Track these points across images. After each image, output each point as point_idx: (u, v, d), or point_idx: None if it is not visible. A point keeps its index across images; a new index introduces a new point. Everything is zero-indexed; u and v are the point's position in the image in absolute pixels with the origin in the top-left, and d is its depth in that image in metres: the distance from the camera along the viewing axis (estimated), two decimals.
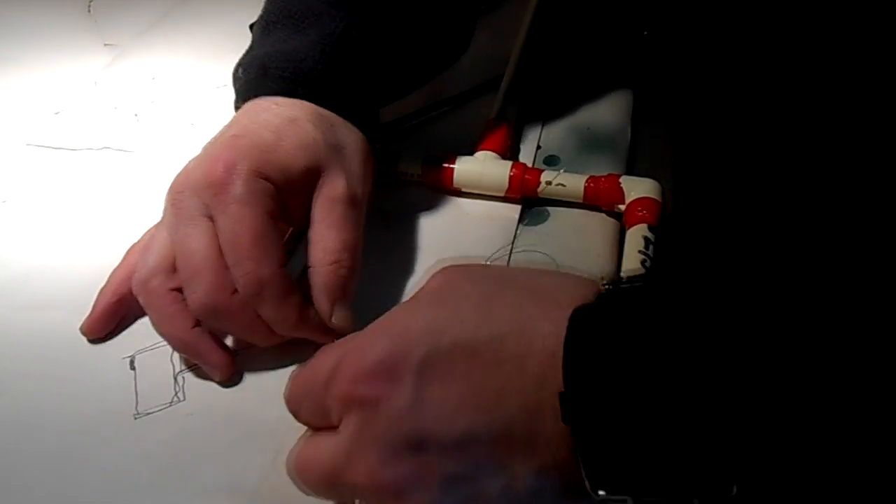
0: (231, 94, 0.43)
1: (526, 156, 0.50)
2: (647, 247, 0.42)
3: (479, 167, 0.47)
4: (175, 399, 0.38)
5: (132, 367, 0.39)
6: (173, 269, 0.38)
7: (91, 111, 0.56)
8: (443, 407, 0.27)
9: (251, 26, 0.62)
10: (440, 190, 0.48)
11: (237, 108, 0.43)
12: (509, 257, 0.44)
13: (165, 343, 0.40)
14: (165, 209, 0.39)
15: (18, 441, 0.37)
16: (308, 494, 0.32)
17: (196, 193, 0.37)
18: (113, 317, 0.41)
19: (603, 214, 0.46)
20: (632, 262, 0.42)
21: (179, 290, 0.37)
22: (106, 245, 0.46)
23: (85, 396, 0.38)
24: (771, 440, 0.24)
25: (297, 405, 0.32)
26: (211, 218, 0.37)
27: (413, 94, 0.50)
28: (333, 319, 0.38)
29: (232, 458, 0.35)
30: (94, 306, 0.41)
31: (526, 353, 0.26)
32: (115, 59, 0.61)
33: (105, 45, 0.62)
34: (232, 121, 0.41)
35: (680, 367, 0.24)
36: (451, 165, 0.47)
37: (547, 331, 0.26)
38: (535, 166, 0.49)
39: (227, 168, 0.36)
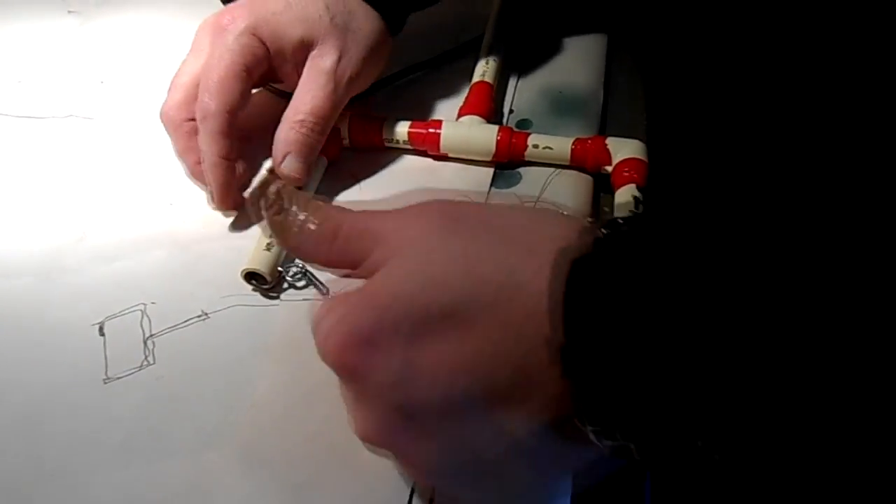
0: None
1: (497, 120, 0.50)
2: (636, 206, 0.42)
3: (465, 132, 0.46)
4: (145, 363, 0.37)
5: (101, 333, 0.39)
6: (192, 99, 0.43)
7: (55, 79, 0.55)
8: (435, 376, 0.26)
9: None
10: (425, 156, 0.47)
11: None
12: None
13: (135, 308, 0.40)
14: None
15: None
16: None
17: (207, 33, 0.44)
18: (230, 171, 0.42)
19: (576, 172, 0.46)
20: None
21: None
22: (72, 213, 0.45)
23: (54, 362, 0.37)
24: (772, 385, 0.23)
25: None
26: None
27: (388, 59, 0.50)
28: (283, 166, 0.42)
29: (203, 418, 0.35)
30: (214, 185, 0.42)
31: (517, 315, 0.26)
32: (79, 25, 0.59)
33: (69, 11, 0.60)
34: None
35: (679, 313, 0.24)
36: (438, 131, 0.46)
37: (537, 289, 0.26)
38: None
39: (230, 20, 0.43)
